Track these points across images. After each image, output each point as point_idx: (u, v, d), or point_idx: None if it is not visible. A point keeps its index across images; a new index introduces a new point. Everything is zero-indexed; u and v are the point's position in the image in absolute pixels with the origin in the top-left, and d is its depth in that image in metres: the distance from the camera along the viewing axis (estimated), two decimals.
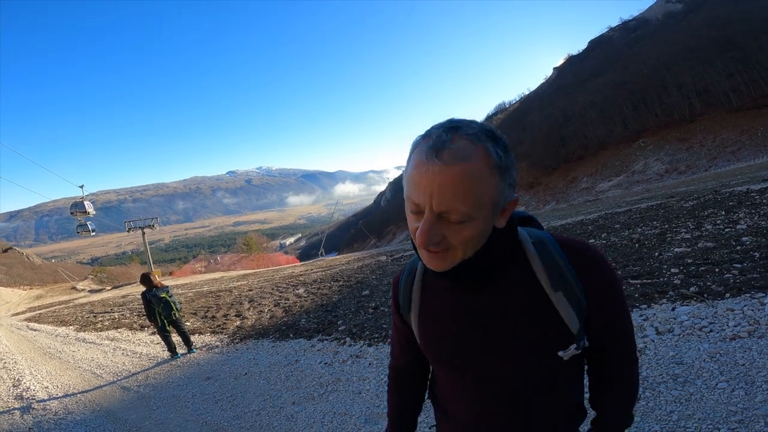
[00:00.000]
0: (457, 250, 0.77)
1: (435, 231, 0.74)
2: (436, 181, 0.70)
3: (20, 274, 55.99)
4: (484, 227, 0.77)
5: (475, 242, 0.78)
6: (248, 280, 18.24)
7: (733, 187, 11.10)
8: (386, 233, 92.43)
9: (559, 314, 0.83)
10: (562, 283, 0.83)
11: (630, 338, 0.92)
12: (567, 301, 0.82)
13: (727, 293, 3.89)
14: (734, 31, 39.59)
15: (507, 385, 0.88)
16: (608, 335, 0.89)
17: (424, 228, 0.74)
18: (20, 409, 5.58)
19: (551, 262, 0.84)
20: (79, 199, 32.25)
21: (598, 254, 0.86)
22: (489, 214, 0.76)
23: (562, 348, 0.84)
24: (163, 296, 6.70)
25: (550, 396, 0.90)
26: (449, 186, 0.70)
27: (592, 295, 0.84)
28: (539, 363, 0.86)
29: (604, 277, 0.85)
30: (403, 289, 1.04)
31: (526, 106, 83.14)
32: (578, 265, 0.84)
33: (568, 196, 41.95)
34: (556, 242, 0.87)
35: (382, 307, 7.09)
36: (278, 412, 4.05)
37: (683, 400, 2.65)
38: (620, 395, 0.96)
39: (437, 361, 0.97)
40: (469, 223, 0.74)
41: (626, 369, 0.93)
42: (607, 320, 0.87)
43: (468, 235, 0.75)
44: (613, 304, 0.86)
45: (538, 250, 0.86)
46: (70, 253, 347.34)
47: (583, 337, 0.85)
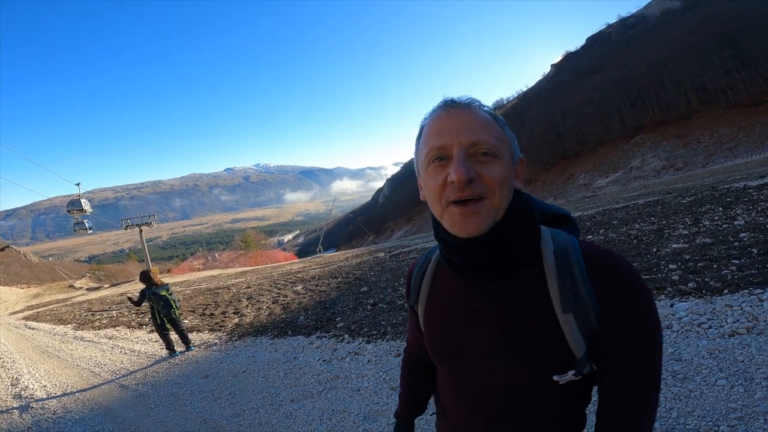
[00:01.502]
0: (493, 198, 0.74)
1: (469, 164, 0.74)
2: (461, 119, 0.76)
3: (17, 273, 55.74)
4: (509, 175, 0.77)
5: (508, 189, 0.77)
6: (246, 277, 18.22)
7: (730, 183, 11.12)
8: (384, 230, 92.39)
9: (564, 336, 0.76)
10: (574, 304, 0.75)
11: (654, 363, 0.78)
12: (576, 324, 0.75)
13: (726, 289, 3.90)
14: (731, 28, 39.63)
15: (500, 390, 0.85)
16: (627, 360, 0.77)
17: (458, 160, 0.73)
18: (19, 408, 5.57)
19: (567, 280, 0.76)
20: (76, 196, 32.12)
21: (626, 270, 0.76)
22: (509, 162, 0.78)
23: (559, 372, 0.78)
24: (163, 294, 6.68)
25: (546, 406, 0.84)
26: (473, 121, 0.76)
27: (609, 317, 0.75)
28: (533, 379, 0.81)
29: (628, 297, 0.75)
30: (414, 279, 1.03)
31: (524, 102, 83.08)
32: (599, 282, 0.76)
33: (566, 193, 41.99)
34: (581, 254, 0.78)
35: (380, 304, 7.09)
36: (277, 409, 4.05)
37: (682, 396, 2.66)
38: (631, 420, 0.81)
39: (434, 355, 0.96)
40: (497, 161, 0.75)
41: (643, 395, 0.79)
42: (628, 344, 0.76)
43: (499, 174, 0.74)
44: (637, 327, 0.75)
45: (557, 261, 0.78)
46: (67, 251, 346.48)
47: (587, 364, 0.78)
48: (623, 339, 0.76)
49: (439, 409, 1.08)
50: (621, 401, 0.80)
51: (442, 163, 0.76)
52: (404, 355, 1.26)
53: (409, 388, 1.24)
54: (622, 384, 0.79)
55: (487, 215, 0.75)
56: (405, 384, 1.26)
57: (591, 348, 0.77)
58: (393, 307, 6.66)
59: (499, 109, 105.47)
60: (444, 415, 1.03)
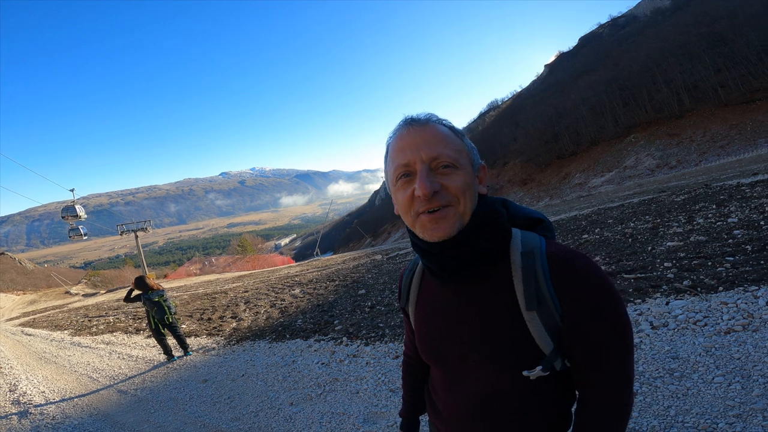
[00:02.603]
0: (458, 204, 0.80)
1: (432, 178, 0.80)
2: (421, 136, 0.82)
3: (13, 280, 55.36)
4: (471, 182, 0.82)
5: (471, 196, 0.82)
6: (244, 281, 18.16)
7: (723, 181, 11.18)
8: (381, 232, 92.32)
9: (530, 333, 0.81)
10: (536, 301, 0.79)
11: (621, 362, 0.81)
12: (540, 322, 0.80)
13: (721, 286, 3.93)
14: (722, 26, 39.88)
15: (479, 386, 0.89)
16: (591, 358, 0.81)
17: (422, 176, 0.79)
18: (17, 414, 5.54)
19: (530, 278, 0.80)
20: (70, 202, 31.92)
21: (586, 270, 0.80)
22: (470, 170, 0.83)
23: (528, 367, 0.82)
24: (156, 300, 6.67)
25: (525, 403, 0.87)
26: (432, 136, 0.82)
27: (570, 316, 0.79)
28: (506, 374, 0.85)
29: (587, 296, 0.79)
30: (404, 283, 1.10)
31: (518, 103, 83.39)
32: (559, 282, 0.80)
33: (562, 192, 42.12)
34: (545, 255, 0.82)
35: (378, 306, 7.09)
36: (276, 413, 4.05)
37: (680, 394, 2.67)
38: (603, 417, 0.84)
39: (423, 353, 1.02)
40: (458, 171, 0.80)
41: (614, 393, 0.83)
42: (590, 343, 0.80)
43: (461, 183, 0.80)
44: (597, 326, 0.79)
45: (523, 261, 0.82)
46: (62, 257, 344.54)
47: (556, 359, 0.82)
48: (587, 338, 0.80)
49: (430, 403, 1.12)
50: (592, 398, 0.85)
51: (409, 179, 0.82)
52: (403, 356, 1.31)
53: (410, 387, 1.29)
54: (591, 381, 0.84)
55: (454, 220, 0.80)
56: (406, 384, 1.30)
57: (558, 345, 0.82)
58: (391, 310, 6.67)
59: (495, 110, 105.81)
60: (435, 409, 1.08)
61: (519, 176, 52.39)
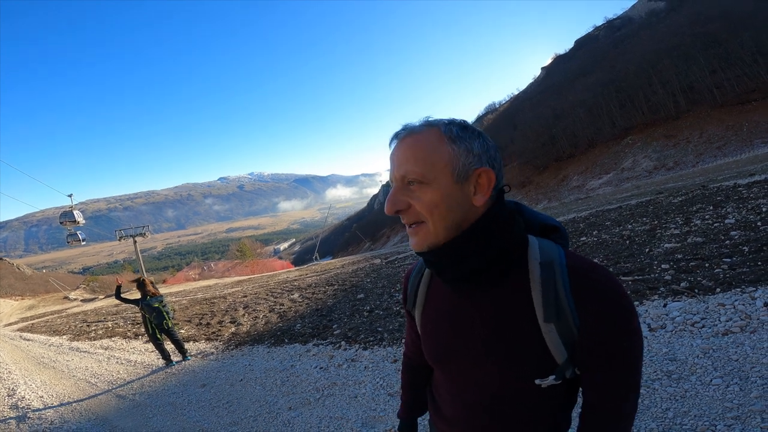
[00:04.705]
0: (427, 222, 0.81)
1: (399, 196, 0.82)
2: (398, 152, 0.82)
3: (11, 285, 55.21)
4: (443, 197, 0.79)
5: (442, 213, 0.80)
6: (242, 286, 18.14)
7: (720, 182, 11.23)
8: (380, 236, 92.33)
9: (546, 344, 0.80)
10: (556, 315, 0.79)
11: (634, 371, 0.82)
12: (557, 333, 0.79)
13: (718, 288, 3.93)
14: (716, 27, 40.18)
15: (487, 391, 0.90)
16: (606, 368, 0.81)
17: (389, 195, 0.82)
18: (16, 418, 5.53)
19: (551, 291, 0.79)
20: (68, 208, 31.83)
21: (606, 285, 0.79)
22: (449, 182, 0.79)
23: (541, 376, 0.82)
24: (156, 306, 6.66)
25: (531, 408, 0.88)
26: (404, 152, 0.81)
27: (588, 330, 0.79)
28: (518, 380, 0.85)
29: (607, 311, 0.78)
30: (411, 284, 1.08)
31: (515, 105, 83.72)
32: (580, 296, 0.79)
33: (560, 195, 42.22)
34: (566, 267, 0.81)
35: (377, 311, 7.08)
36: (275, 417, 4.03)
37: (678, 396, 2.67)
38: (610, 421, 0.85)
39: (428, 356, 1.01)
40: (426, 186, 0.79)
41: (622, 399, 0.84)
42: (606, 354, 0.80)
43: (429, 200, 0.79)
44: (615, 339, 0.79)
45: (542, 272, 0.81)
46: (60, 262, 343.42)
47: (569, 368, 0.82)
48: (602, 350, 0.80)
49: (433, 405, 1.12)
50: (600, 403, 0.85)
51: None
52: (403, 357, 1.30)
53: (409, 389, 1.28)
54: (602, 388, 0.84)
55: (425, 237, 0.82)
56: (405, 385, 1.30)
57: (572, 355, 0.82)
58: (389, 314, 6.66)
59: (492, 112, 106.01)
60: (438, 411, 1.08)
61: (517, 179, 52.46)
